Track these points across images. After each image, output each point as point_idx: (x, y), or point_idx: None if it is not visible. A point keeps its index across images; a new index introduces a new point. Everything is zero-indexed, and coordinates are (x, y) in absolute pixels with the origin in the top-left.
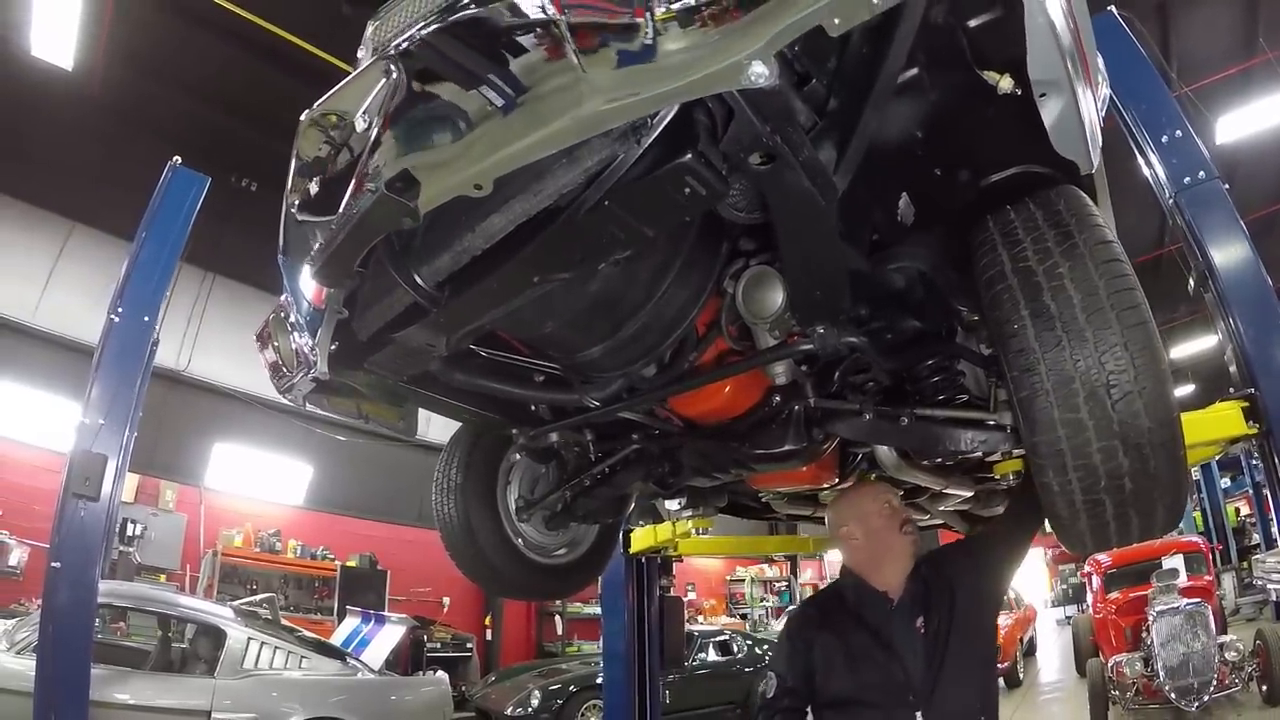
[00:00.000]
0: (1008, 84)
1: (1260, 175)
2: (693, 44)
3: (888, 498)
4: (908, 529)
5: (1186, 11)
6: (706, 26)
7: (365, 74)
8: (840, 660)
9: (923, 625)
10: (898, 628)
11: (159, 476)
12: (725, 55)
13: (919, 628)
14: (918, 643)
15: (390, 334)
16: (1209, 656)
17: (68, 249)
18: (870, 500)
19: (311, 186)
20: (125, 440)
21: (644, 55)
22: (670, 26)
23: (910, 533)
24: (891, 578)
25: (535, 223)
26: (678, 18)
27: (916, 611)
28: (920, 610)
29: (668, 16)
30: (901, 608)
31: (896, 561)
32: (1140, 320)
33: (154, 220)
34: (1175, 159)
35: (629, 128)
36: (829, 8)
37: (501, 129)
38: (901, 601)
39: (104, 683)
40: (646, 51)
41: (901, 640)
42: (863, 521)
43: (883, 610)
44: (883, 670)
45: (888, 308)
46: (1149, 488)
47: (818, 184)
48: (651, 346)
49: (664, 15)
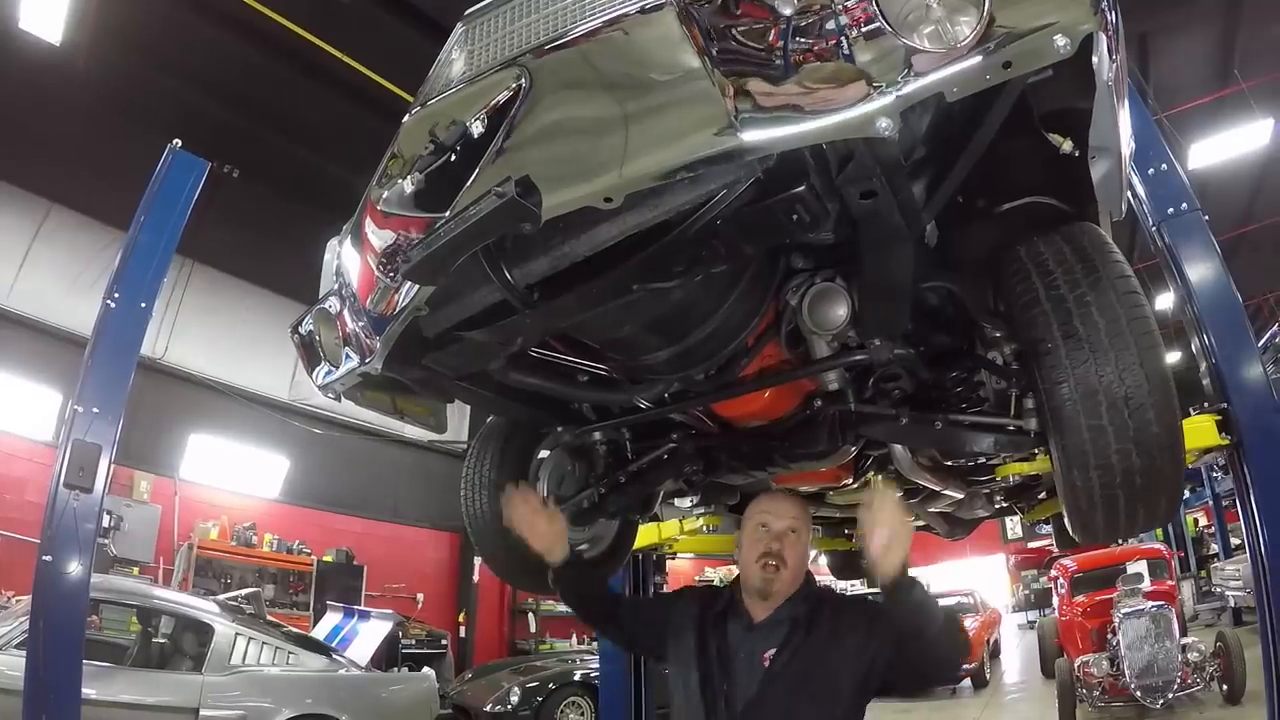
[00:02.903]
0: (1069, 146)
1: (1230, 201)
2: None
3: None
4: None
5: (1167, 41)
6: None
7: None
8: (689, 655)
9: (770, 659)
10: (745, 651)
11: (133, 467)
12: (861, 108)
13: (765, 659)
14: (757, 673)
15: (462, 332)
16: (1173, 657)
17: (44, 230)
18: (807, 514)
19: (406, 184)
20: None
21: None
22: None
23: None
24: (768, 609)
25: (641, 234)
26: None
27: (772, 642)
28: (776, 643)
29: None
30: (760, 630)
31: (787, 591)
32: (1154, 344)
33: (152, 204)
34: (1161, 190)
35: (755, 158)
36: (952, 79)
37: (641, 147)
38: (762, 625)
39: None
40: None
41: (742, 667)
42: (808, 531)
43: (741, 626)
44: (712, 689)
45: (923, 323)
46: (1156, 484)
47: (908, 219)
48: (713, 352)
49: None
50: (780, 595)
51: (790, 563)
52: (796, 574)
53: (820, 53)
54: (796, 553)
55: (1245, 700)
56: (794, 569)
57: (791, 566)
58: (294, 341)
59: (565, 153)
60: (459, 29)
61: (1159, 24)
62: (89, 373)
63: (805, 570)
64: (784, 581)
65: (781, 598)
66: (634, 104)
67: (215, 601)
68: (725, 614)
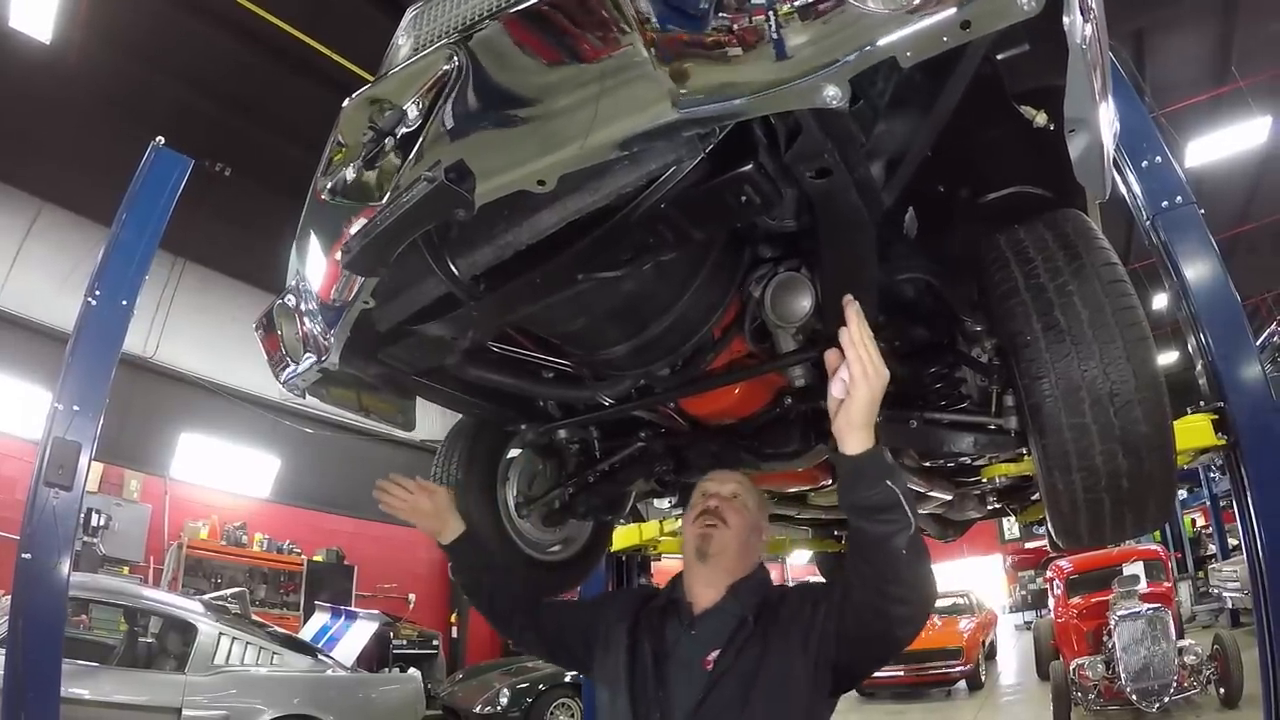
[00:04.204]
0: (1042, 119)
1: (1226, 198)
2: (776, 65)
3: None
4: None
5: (1163, 38)
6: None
7: (422, 60)
8: (618, 667)
9: (713, 662)
10: (685, 654)
11: (123, 466)
12: (805, 77)
13: (707, 663)
14: (699, 679)
15: (413, 326)
16: (1169, 660)
17: (36, 229)
18: (765, 505)
19: (348, 172)
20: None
21: (729, 70)
22: (758, 46)
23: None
24: (710, 588)
25: (585, 220)
26: (766, 39)
27: (715, 642)
28: (720, 643)
29: (755, 39)
30: (703, 627)
31: (733, 568)
32: (1141, 336)
33: (134, 201)
34: (1154, 183)
35: (697, 135)
36: (904, 43)
37: (571, 126)
38: (705, 618)
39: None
40: (732, 67)
41: (681, 673)
42: (757, 508)
43: (681, 624)
44: (646, 701)
45: (898, 316)
46: (1144, 487)
47: (866, 199)
48: (674, 346)
49: (752, 36)
50: (722, 567)
51: (731, 524)
52: (740, 546)
53: (761, 18)
54: (741, 519)
55: (1242, 704)
56: (736, 535)
57: (733, 529)
58: (258, 338)
59: (496, 135)
60: (409, 13)
61: (1155, 21)
62: (69, 370)
63: (753, 554)
64: (724, 544)
65: (724, 572)
66: (565, 82)
67: (200, 601)
68: (665, 611)
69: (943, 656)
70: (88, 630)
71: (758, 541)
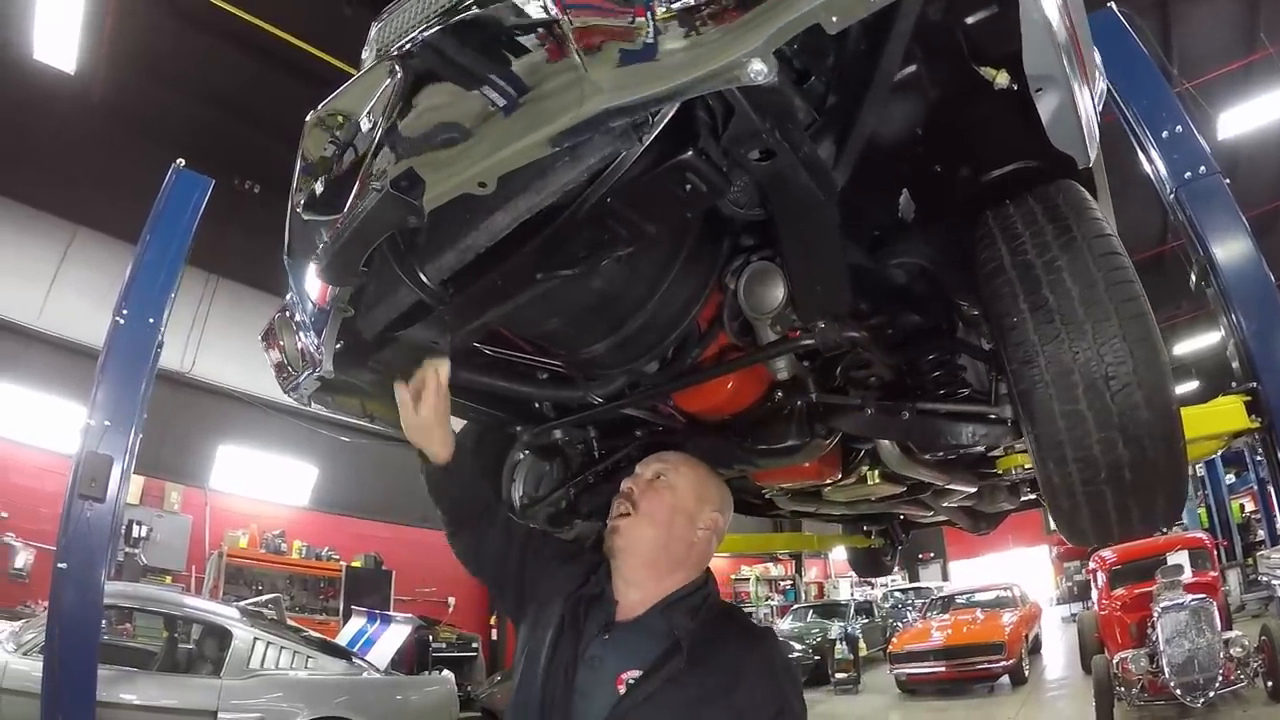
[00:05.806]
0: (1004, 79)
1: (1262, 171)
2: (693, 43)
3: (725, 515)
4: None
5: (1187, 7)
6: (706, 26)
7: (370, 75)
8: (541, 643)
9: (626, 685)
10: (597, 660)
11: (164, 479)
12: (725, 54)
13: (620, 681)
14: (606, 697)
15: (395, 332)
16: (1214, 652)
17: (71, 252)
18: (718, 491)
19: (317, 186)
20: (130, 442)
21: (645, 54)
22: (670, 26)
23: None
24: (633, 588)
25: (539, 220)
26: (677, 17)
27: (634, 659)
28: (640, 663)
29: (668, 16)
30: (621, 636)
31: (657, 563)
32: (1139, 312)
33: (158, 222)
34: (1176, 154)
35: (631, 125)
36: (826, 6)
37: (504, 128)
38: (626, 627)
39: (111, 683)
40: (647, 50)
41: (585, 677)
42: (691, 490)
43: (600, 622)
44: (551, 699)
45: (890, 303)
46: (1149, 478)
47: (817, 179)
48: (654, 343)
49: (664, 15)
50: (642, 563)
51: (642, 510)
52: (662, 536)
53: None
54: (658, 503)
55: None
56: (652, 521)
57: (644, 515)
58: (264, 349)
59: (435, 140)
60: (373, 26)
61: None
62: (99, 387)
63: (688, 549)
64: (635, 536)
65: (645, 569)
66: (492, 83)
67: (236, 607)
68: (592, 602)
69: (985, 651)
70: (131, 638)
71: (692, 532)
